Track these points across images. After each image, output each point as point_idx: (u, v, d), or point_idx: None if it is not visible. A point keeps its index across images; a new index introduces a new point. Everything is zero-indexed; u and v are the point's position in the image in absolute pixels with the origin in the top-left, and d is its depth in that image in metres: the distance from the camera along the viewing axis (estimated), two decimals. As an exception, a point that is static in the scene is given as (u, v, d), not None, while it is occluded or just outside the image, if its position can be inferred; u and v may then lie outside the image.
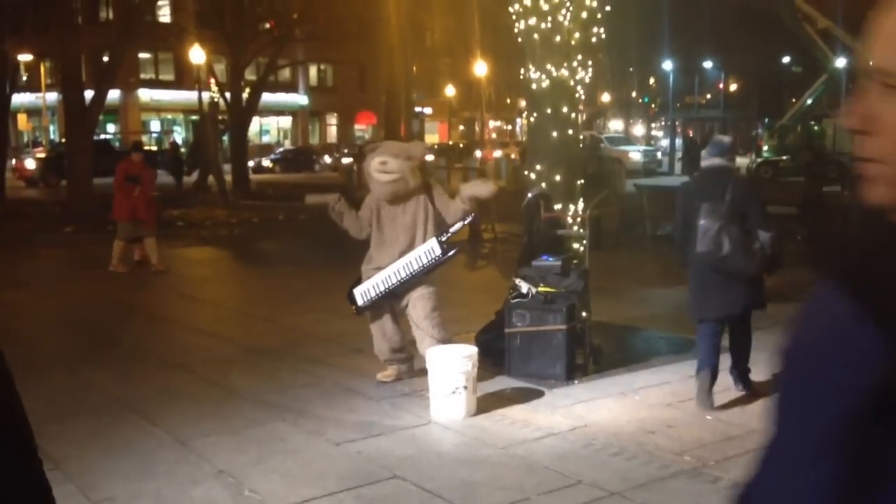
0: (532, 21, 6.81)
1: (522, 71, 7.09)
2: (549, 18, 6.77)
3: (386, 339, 6.16)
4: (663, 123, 50.75)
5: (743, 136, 45.49)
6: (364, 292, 6.12)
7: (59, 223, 16.53)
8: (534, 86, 6.95)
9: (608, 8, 7.00)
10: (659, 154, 39.36)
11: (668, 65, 43.29)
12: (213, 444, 4.99)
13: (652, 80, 54.66)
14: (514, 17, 6.99)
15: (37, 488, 1.23)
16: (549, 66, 6.83)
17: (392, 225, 6.05)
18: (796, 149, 31.89)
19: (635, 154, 36.09)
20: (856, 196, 0.88)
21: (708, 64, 49.56)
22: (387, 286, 6.01)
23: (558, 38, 6.79)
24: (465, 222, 6.10)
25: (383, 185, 5.97)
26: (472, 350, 5.54)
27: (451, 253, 5.99)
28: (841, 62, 33.13)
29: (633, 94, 58.20)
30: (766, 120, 36.50)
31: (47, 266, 12.88)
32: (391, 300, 6.12)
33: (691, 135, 38.55)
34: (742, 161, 32.94)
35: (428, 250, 5.92)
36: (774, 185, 26.46)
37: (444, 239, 5.94)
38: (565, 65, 6.85)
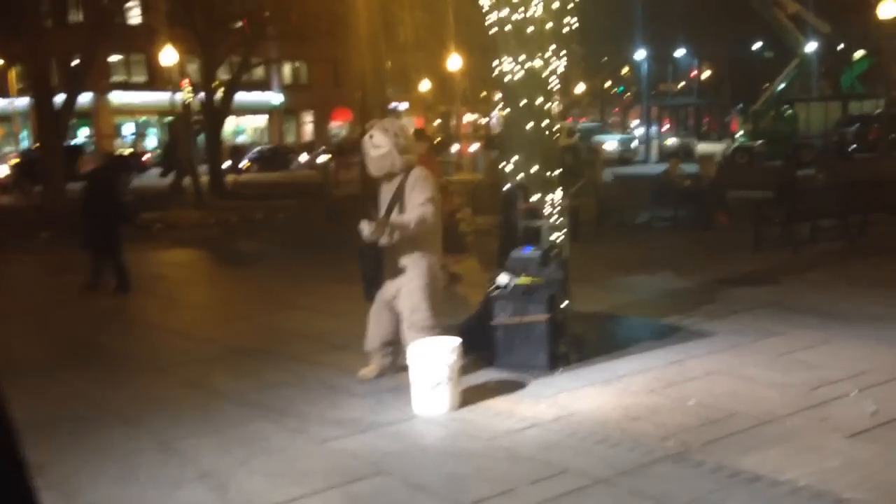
0: (504, 13, 6.79)
1: (496, 63, 7.07)
2: (521, 9, 6.75)
3: (381, 327, 6.02)
4: (639, 112, 51.00)
5: (716, 123, 45.75)
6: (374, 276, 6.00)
7: (34, 228, 16.36)
8: (507, 78, 6.93)
9: (580, -3, 6.99)
10: (635, 143, 39.49)
11: (641, 54, 43.42)
12: (196, 445, 4.95)
13: (626, 70, 54.82)
14: (485, 9, 6.97)
15: (23, 486, 1.20)
16: (522, 58, 6.82)
17: (383, 206, 5.93)
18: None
19: (611, 143, 36.24)
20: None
21: (681, 52, 49.82)
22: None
23: (531, 29, 6.77)
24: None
25: (371, 160, 5.87)
26: (455, 342, 5.50)
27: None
28: (811, 47, 33.37)
29: (608, 83, 58.35)
30: (740, 106, 36.74)
31: (22, 272, 12.74)
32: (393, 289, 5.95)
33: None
34: (717, 147, 33.12)
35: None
36: (751, 171, 26.66)
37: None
38: (539, 55, 6.84)
